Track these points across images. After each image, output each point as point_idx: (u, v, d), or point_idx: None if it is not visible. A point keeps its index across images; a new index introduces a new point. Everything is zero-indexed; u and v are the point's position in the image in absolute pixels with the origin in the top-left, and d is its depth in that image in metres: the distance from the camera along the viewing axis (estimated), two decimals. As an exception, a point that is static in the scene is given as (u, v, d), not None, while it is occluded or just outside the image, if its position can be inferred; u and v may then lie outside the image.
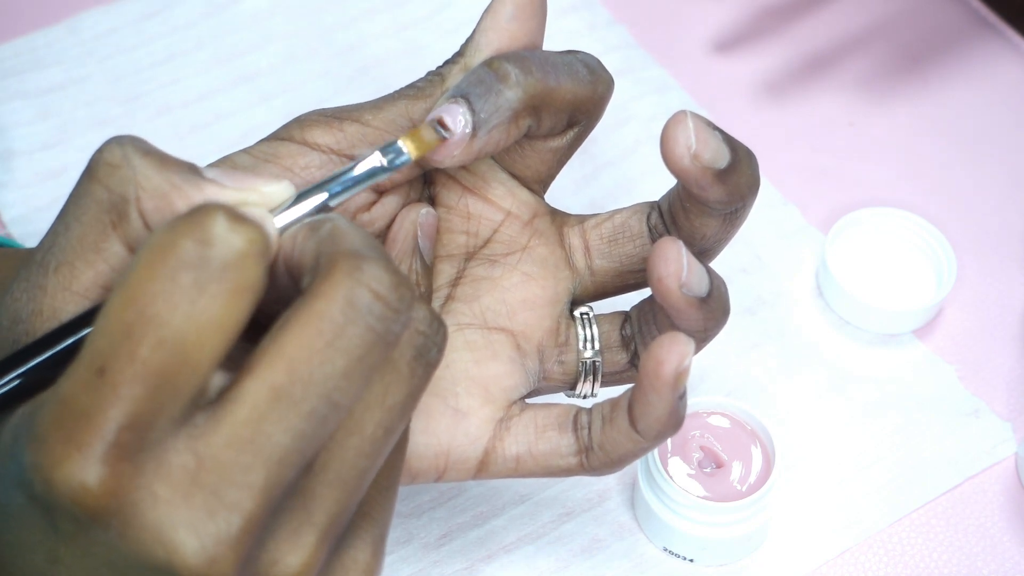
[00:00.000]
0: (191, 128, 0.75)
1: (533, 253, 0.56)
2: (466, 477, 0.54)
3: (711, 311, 0.53)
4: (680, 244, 0.51)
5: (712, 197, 0.52)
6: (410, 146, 0.49)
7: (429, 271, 0.54)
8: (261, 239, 0.40)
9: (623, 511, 0.63)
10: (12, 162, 0.74)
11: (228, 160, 0.51)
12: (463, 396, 0.54)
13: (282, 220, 0.44)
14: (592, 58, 0.54)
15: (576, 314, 0.56)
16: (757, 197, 0.54)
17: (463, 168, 0.55)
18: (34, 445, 0.39)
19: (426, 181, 0.55)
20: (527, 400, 0.55)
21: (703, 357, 0.66)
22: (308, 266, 0.42)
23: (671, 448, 0.62)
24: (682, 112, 0.52)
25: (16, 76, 0.77)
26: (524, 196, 0.56)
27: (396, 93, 0.54)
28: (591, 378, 0.56)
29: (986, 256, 0.72)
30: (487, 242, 0.56)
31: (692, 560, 0.61)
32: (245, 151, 0.52)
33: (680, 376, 0.50)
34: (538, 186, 0.56)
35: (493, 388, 0.54)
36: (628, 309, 0.56)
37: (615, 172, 0.74)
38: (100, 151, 0.43)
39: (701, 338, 0.53)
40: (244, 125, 0.75)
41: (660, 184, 0.55)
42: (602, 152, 0.75)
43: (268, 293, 0.41)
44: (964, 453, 0.65)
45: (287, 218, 0.44)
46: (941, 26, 0.80)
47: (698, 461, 0.62)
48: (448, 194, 0.55)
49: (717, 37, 0.80)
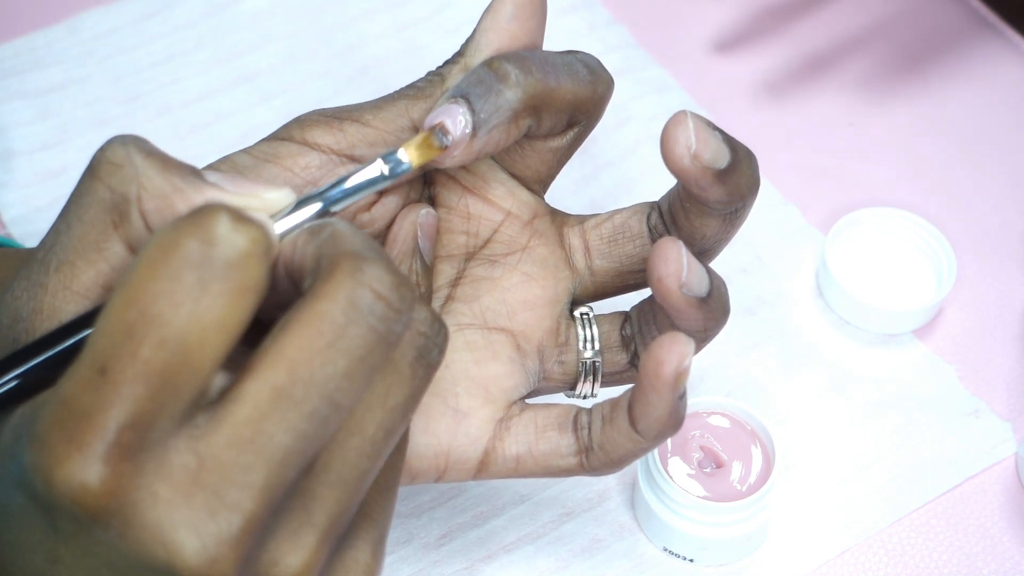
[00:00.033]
0: (191, 128, 0.75)
1: (533, 253, 0.56)
2: (466, 477, 0.54)
3: (711, 311, 0.53)
4: (680, 244, 0.51)
5: (712, 197, 0.52)
6: (411, 155, 0.49)
7: (429, 271, 0.54)
8: (264, 239, 0.40)
9: (623, 511, 0.63)
10: (12, 162, 0.74)
11: (228, 160, 0.51)
12: (463, 396, 0.54)
13: (282, 226, 0.44)
14: (592, 58, 0.54)
15: (576, 314, 0.56)
16: (757, 197, 0.54)
17: (463, 168, 0.55)
18: (35, 445, 0.39)
19: (426, 181, 0.55)
20: (527, 400, 0.55)
21: (703, 357, 0.66)
22: (309, 269, 0.42)
23: (671, 448, 0.62)
24: (682, 112, 0.52)
25: (16, 76, 0.77)
26: (524, 196, 0.56)
27: (396, 93, 0.54)
28: (591, 378, 0.55)
29: (986, 256, 0.72)
30: (487, 242, 0.56)
31: (692, 560, 0.61)
32: (245, 151, 0.52)
33: (680, 376, 0.50)
34: (538, 186, 0.56)
35: (493, 388, 0.54)
36: (628, 309, 0.56)
37: (615, 172, 0.74)
38: (103, 149, 0.43)
39: (701, 338, 0.53)
40: (244, 125, 0.75)
41: (660, 184, 0.55)
42: (602, 152, 0.75)
43: (269, 298, 0.41)
44: (964, 453, 0.65)
45: (287, 224, 0.45)
46: (941, 26, 0.80)
47: (698, 461, 0.62)
48: (448, 194, 0.55)
49: (717, 37, 0.80)
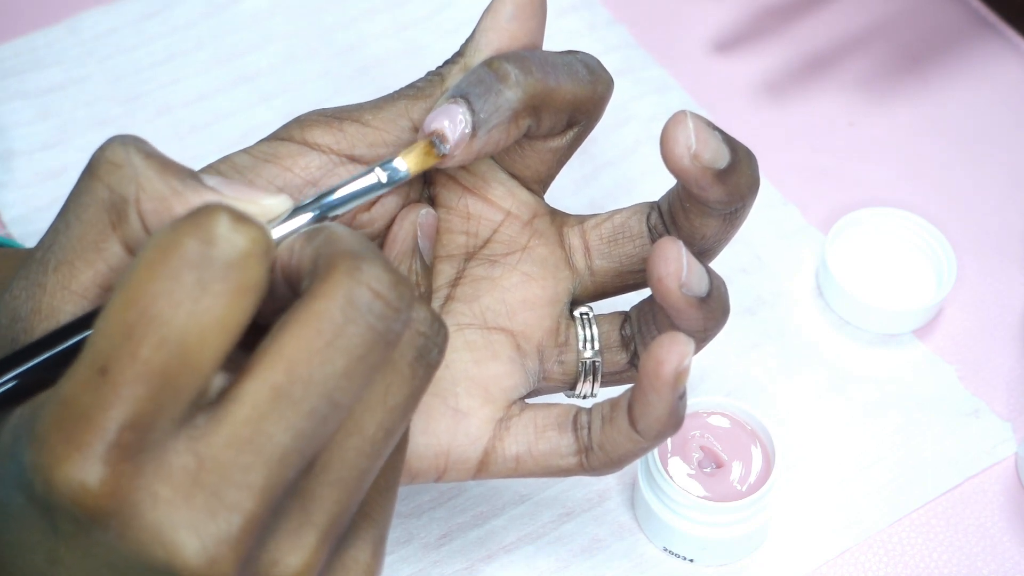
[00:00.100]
0: (191, 128, 0.75)
1: (533, 253, 0.56)
2: (466, 477, 0.54)
3: (711, 311, 0.53)
4: (680, 244, 0.51)
5: (712, 197, 0.52)
6: (409, 163, 0.49)
7: (429, 271, 0.54)
8: (264, 239, 0.40)
9: (623, 511, 0.63)
10: (12, 162, 0.74)
11: (228, 160, 0.51)
12: (463, 396, 0.54)
13: (279, 232, 0.45)
14: (592, 58, 0.54)
15: (576, 314, 0.56)
16: (757, 197, 0.54)
17: (463, 168, 0.55)
18: (34, 445, 0.39)
19: (426, 181, 0.55)
20: (527, 400, 0.55)
21: (703, 357, 0.66)
22: (306, 271, 0.42)
23: (671, 448, 0.62)
24: (682, 112, 0.51)
25: (16, 76, 0.77)
26: (524, 196, 0.56)
27: (396, 93, 0.54)
28: (591, 378, 0.55)
29: (986, 256, 0.72)
30: (487, 242, 0.56)
31: (692, 560, 0.61)
32: (245, 151, 0.52)
33: (680, 376, 0.50)
34: (538, 186, 0.56)
35: (493, 388, 0.54)
36: (628, 309, 0.56)
37: (615, 172, 0.74)
38: (102, 149, 0.43)
39: (701, 338, 0.53)
40: (244, 125, 0.75)
41: (660, 184, 0.55)
42: (602, 152, 0.75)
43: (267, 304, 0.41)
44: (964, 453, 0.65)
45: (284, 230, 0.45)
46: (941, 26, 0.80)
47: (698, 461, 0.62)
48: (448, 194, 0.55)
49: (717, 37, 0.80)
